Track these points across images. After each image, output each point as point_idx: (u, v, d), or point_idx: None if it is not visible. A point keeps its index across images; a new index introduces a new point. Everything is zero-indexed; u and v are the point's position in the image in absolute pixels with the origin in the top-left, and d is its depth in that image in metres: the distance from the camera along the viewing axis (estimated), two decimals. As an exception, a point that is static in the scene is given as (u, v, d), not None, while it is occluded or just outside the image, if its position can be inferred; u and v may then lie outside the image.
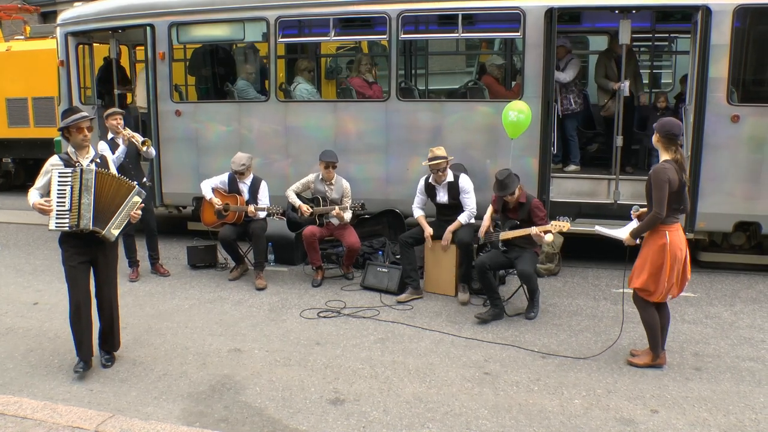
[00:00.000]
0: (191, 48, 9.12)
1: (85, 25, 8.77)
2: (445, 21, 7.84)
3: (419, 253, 6.61)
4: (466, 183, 6.28)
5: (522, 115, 6.61)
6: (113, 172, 4.62)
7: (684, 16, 7.81)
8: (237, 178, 6.94)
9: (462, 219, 6.20)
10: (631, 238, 4.57)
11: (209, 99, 9.23)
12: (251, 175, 7.02)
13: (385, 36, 7.51)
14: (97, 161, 4.56)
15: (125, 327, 5.22)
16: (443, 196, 6.34)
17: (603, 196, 7.29)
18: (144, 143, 6.70)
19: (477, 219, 6.27)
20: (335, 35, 7.96)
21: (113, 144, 6.72)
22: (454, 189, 6.28)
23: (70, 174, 4.34)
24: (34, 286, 6.86)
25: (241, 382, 4.51)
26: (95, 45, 9.46)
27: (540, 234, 5.48)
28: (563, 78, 7.61)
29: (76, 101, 8.89)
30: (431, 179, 6.34)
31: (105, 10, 8.65)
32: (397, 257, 6.86)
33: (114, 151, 6.52)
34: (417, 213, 6.51)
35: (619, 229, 4.73)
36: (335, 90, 10.17)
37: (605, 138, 8.29)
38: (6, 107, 12.82)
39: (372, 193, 7.52)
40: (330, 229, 6.85)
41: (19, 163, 13.48)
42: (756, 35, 6.71)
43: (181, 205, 8.85)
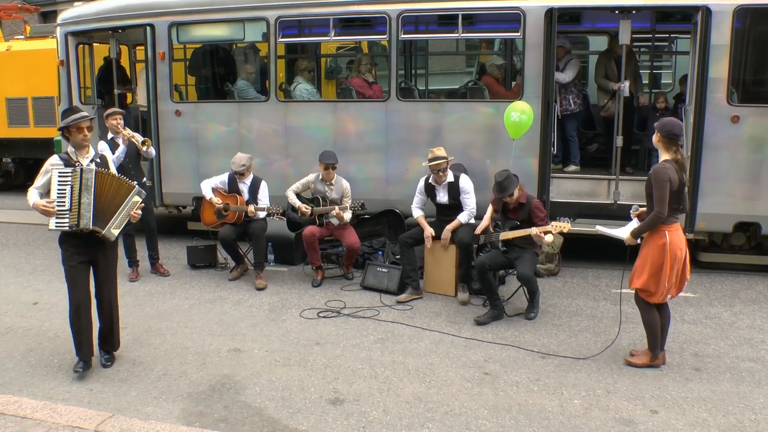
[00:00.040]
0: (191, 48, 9.12)
1: (85, 25, 8.77)
2: (445, 21, 7.84)
3: (419, 253, 6.61)
4: (466, 183, 6.28)
5: (524, 116, 6.61)
6: (113, 171, 4.62)
7: (684, 16, 7.81)
8: (237, 178, 6.95)
9: (462, 218, 6.20)
10: (632, 238, 4.57)
11: (209, 99, 9.23)
12: (251, 175, 7.02)
13: (385, 36, 7.51)
14: (97, 161, 4.56)
15: (125, 327, 5.22)
16: (443, 196, 6.34)
17: (603, 196, 7.29)
18: (144, 143, 6.70)
19: (477, 219, 6.27)
20: (335, 35, 7.96)
21: (113, 144, 6.72)
22: (454, 189, 6.28)
23: (70, 174, 4.34)
24: (33, 285, 6.86)
25: (241, 382, 4.51)
26: (95, 45, 9.45)
27: (540, 235, 5.48)
28: (562, 78, 7.61)
29: (76, 101, 8.89)
30: (431, 179, 6.34)
31: (105, 9, 8.65)
32: (397, 257, 6.86)
33: (114, 151, 6.52)
34: (416, 213, 6.51)
35: (620, 229, 4.73)
36: (335, 90, 10.17)
37: (605, 138, 8.29)
38: (6, 107, 12.83)
39: (372, 193, 7.52)
40: (330, 229, 6.85)
41: (19, 163, 13.48)
42: (756, 36, 6.71)
43: (181, 205, 8.85)
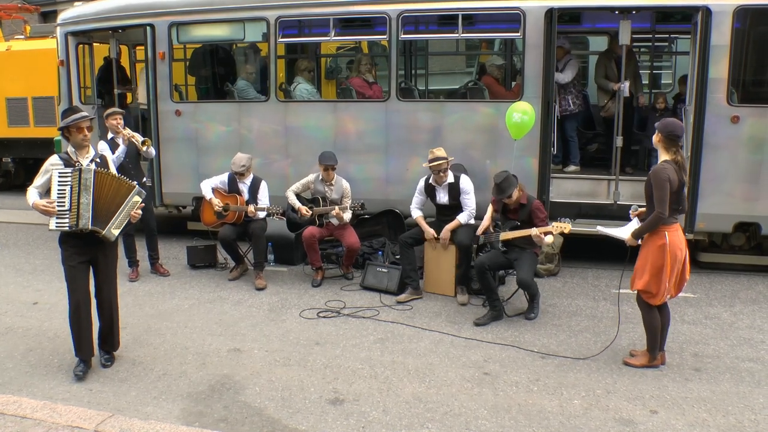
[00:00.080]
0: (191, 48, 9.12)
1: (85, 25, 8.77)
2: (445, 21, 7.84)
3: (419, 254, 6.61)
4: (466, 184, 6.28)
5: (526, 117, 6.61)
6: (113, 171, 4.62)
7: (684, 16, 7.81)
8: (237, 178, 6.95)
9: (461, 218, 6.19)
10: (633, 238, 4.57)
11: (209, 99, 9.23)
12: (251, 175, 7.02)
13: (385, 36, 7.51)
14: (97, 161, 4.56)
15: (125, 327, 5.23)
16: (443, 196, 6.34)
17: (603, 196, 7.29)
18: (144, 143, 6.70)
19: (477, 219, 6.27)
20: (335, 35, 7.96)
21: (113, 144, 6.72)
22: (454, 190, 6.27)
23: (69, 174, 4.34)
24: (33, 285, 6.86)
25: (241, 382, 4.51)
26: (95, 45, 9.46)
27: (540, 235, 5.48)
28: (562, 79, 7.61)
29: (76, 101, 8.89)
30: (432, 180, 6.34)
31: (105, 9, 8.65)
32: (397, 257, 6.86)
33: (114, 151, 6.53)
34: (416, 213, 6.51)
35: (621, 229, 4.73)
36: (335, 90, 10.17)
37: (605, 138, 8.29)
38: (6, 107, 12.83)
39: (372, 194, 7.52)
40: (330, 230, 6.85)
41: (19, 163, 13.49)
42: (756, 36, 6.71)
43: (181, 205, 8.85)
